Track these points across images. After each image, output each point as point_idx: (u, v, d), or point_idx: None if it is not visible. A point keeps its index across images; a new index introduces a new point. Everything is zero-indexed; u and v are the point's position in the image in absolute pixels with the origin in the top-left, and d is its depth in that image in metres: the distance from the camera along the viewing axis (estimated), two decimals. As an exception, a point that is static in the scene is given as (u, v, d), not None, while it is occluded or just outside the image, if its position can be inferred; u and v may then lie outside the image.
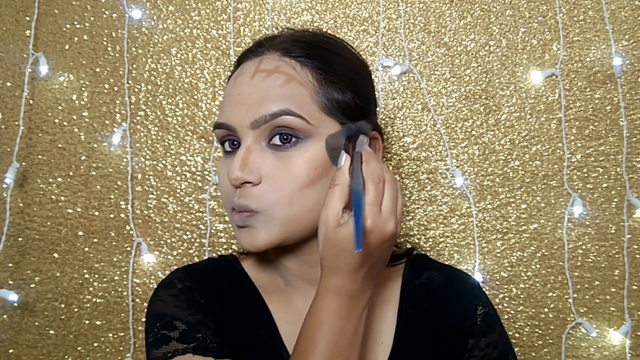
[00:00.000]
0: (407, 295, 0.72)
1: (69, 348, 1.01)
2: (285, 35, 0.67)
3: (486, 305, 0.74)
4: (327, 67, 0.64)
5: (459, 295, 0.74)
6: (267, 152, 0.61)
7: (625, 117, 1.01)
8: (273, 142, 0.61)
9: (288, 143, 0.61)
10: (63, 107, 1.02)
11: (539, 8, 1.02)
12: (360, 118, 0.64)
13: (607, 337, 1.00)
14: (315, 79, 0.63)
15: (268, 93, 0.61)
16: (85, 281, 1.01)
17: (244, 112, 0.61)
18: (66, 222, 1.01)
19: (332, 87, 0.63)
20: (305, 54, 0.64)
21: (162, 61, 1.03)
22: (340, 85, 0.64)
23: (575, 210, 0.99)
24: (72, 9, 1.03)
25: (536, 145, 1.01)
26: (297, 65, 0.63)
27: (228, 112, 0.63)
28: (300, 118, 0.60)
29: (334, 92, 0.63)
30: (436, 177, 1.02)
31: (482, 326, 0.72)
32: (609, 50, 1.01)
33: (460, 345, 0.71)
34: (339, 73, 0.65)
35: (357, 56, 0.71)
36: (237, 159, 0.60)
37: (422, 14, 1.03)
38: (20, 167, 1.00)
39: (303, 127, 0.60)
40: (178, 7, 1.03)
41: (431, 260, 0.80)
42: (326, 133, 0.62)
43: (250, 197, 0.61)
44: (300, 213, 0.61)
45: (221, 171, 0.65)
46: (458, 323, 0.71)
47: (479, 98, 1.02)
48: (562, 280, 1.00)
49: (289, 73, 0.62)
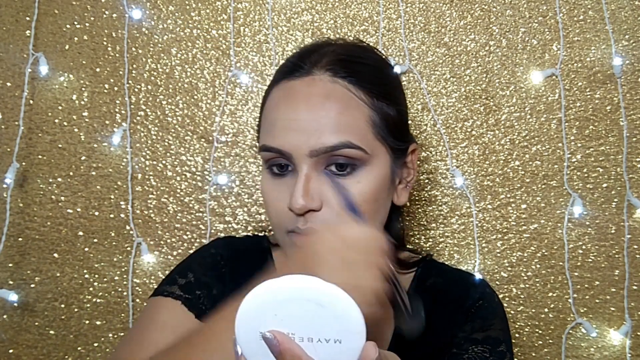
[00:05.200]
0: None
1: (69, 348, 1.01)
2: (329, 51, 0.66)
3: (487, 300, 0.73)
4: (376, 84, 0.65)
5: (461, 297, 0.74)
6: (323, 178, 0.62)
7: (625, 117, 1.01)
8: (329, 169, 0.62)
9: (344, 171, 0.62)
10: (63, 107, 1.02)
11: (539, 8, 1.02)
12: (403, 132, 0.68)
13: (607, 337, 1.00)
14: (367, 98, 0.64)
15: (327, 122, 0.61)
16: (85, 281, 1.01)
17: (302, 140, 0.61)
18: (66, 222, 1.01)
19: (381, 103, 0.65)
20: (354, 72, 0.64)
21: (162, 61, 1.03)
22: (387, 100, 0.66)
23: (575, 210, 0.99)
24: (72, 9, 1.03)
25: (536, 145, 1.01)
26: (350, 87, 0.63)
27: (282, 137, 0.62)
28: (359, 149, 0.62)
29: (384, 108, 0.65)
30: (436, 177, 1.02)
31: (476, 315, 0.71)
32: (609, 50, 1.01)
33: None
34: (385, 88, 0.67)
35: (389, 64, 0.72)
36: (298, 188, 0.61)
37: (422, 14, 1.03)
38: (20, 167, 1.00)
39: (360, 157, 0.62)
40: (178, 7, 1.03)
41: (440, 265, 0.80)
42: (378, 160, 0.64)
43: (316, 221, 0.62)
44: None
45: (270, 193, 0.65)
46: (460, 324, 0.71)
47: (479, 98, 1.02)
48: (562, 280, 1.00)
49: (345, 99, 0.63)
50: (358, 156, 0.62)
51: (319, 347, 0.45)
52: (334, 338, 0.45)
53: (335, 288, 0.45)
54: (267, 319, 0.45)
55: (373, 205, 0.65)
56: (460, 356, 0.68)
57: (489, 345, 0.68)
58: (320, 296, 0.44)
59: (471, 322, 0.71)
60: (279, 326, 0.45)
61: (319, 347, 0.45)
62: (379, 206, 0.66)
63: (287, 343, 0.44)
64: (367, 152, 0.63)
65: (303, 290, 0.45)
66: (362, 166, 0.63)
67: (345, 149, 0.61)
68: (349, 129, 0.62)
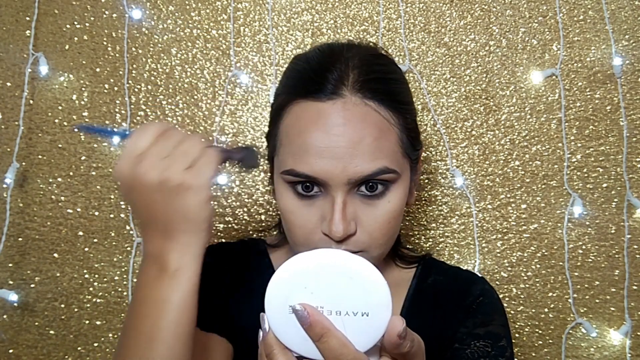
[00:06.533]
0: (410, 301, 0.73)
1: (69, 348, 1.01)
2: (353, 66, 0.64)
3: (488, 296, 0.74)
4: (401, 101, 0.66)
5: (462, 294, 0.74)
6: (356, 199, 0.62)
7: (625, 117, 1.01)
8: (361, 191, 0.62)
9: (374, 191, 0.62)
10: (63, 107, 1.02)
11: (539, 8, 1.02)
12: (419, 139, 0.69)
13: (607, 337, 1.00)
14: (396, 119, 0.64)
15: (363, 149, 0.60)
16: (85, 281, 1.01)
17: (339, 168, 0.60)
18: (66, 222, 1.01)
19: (406, 119, 0.65)
20: (383, 92, 0.63)
21: (162, 61, 1.03)
22: (409, 113, 0.66)
23: (575, 210, 0.99)
24: (72, 9, 1.03)
25: (536, 145, 1.01)
26: (381, 110, 0.63)
27: (317, 164, 0.60)
28: (394, 173, 0.62)
29: (408, 123, 0.66)
30: (436, 177, 1.02)
31: (477, 311, 0.72)
32: (609, 50, 1.01)
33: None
34: (407, 100, 0.68)
35: (398, 65, 0.72)
36: (337, 215, 0.60)
37: (422, 14, 1.03)
38: (20, 167, 1.00)
39: (393, 179, 0.63)
40: (178, 7, 1.03)
41: (440, 263, 0.81)
42: (405, 176, 0.65)
43: (351, 243, 0.62)
44: (389, 247, 0.68)
45: (297, 213, 0.64)
46: (461, 321, 0.72)
47: (479, 98, 1.02)
48: (562, 280, 1.00)
49: (378, 123, 0.62)
50: (391, 179, 0.63)
51: (347, 320, 0.46)
52: (362, 311, 0.46)
53: (364, 261, 0.47)
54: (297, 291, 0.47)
55: (399, 218, 0.66)
56: (462, 351, 0.68)
57: (490, 340, 0.69)
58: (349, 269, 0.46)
59: (472, 318, 0.72)
60: (308, 300, 0.47)
61: (347, 320, 0.46)
62: (402, 216, 0.68)
63: (317, 315, 0.45)
64: (399, 172, 0.63)
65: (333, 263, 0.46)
66: (392, 185, 0.63)
67: (381, 175, 0.61)
68: (384, 154, 0.62)
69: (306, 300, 0.46)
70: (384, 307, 0.46)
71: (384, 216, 0.63)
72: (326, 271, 0.46)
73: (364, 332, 0.46)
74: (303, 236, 0.64)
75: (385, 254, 0.68)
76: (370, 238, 0.63)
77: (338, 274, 0.46)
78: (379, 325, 0.46)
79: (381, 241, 0.64)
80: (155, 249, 0.55)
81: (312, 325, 0.45)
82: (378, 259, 0.66)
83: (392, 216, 0.64)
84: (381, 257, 0.67)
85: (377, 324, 0.46)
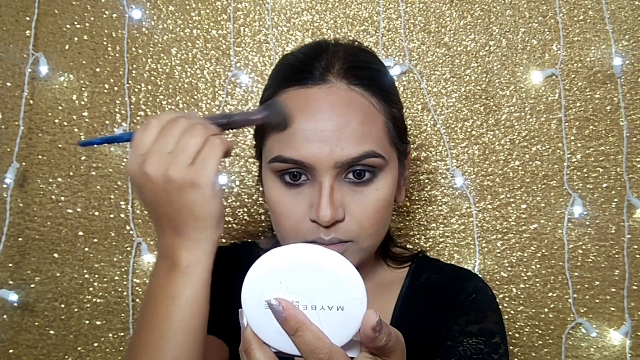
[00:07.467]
0: (403, 299, 0.73)
1: (69, 348, 1.01)
2: (338, 56, 0.65)
3: (481, 293, 0.74)
4: (386, 89, 0.66)
5: (455, 291, 0.74)
6: (344, 186, 0.63)
7: (625, 117, 1.01)
8: (348, 178, 0.63)
9: (362, 178, 0.63)
10: (63, 107, 1.02)
11: (539, 8, 1.02)
12: (406, 133, 0.70)
13: (607, 337, 1.00)
14: (381, 105, 0.64)
15: (350, 132, 0.61)
16: (85, 281, 1.01)
17: (326, 152, 0.60)
18: (66, 222, 1.01)
19: (392, 108, 0.66)
20: (368, 78, 0.65)
21: (162, 61, 1.03)
22: (394, 103, 0.67)
23: (575, 210, 0.99)
24: (72, 9, 1.03)
25: (536, 145, 1.01)
26: (366, 95, 0.64)
27: (304, 149, 0.61)
28: (380, 157, 0.62)
29: (394, 112, 0.66)
30: (436, 177, 1.02)
31: (469, 308, 0.72)
32: (609, 50, 1.01)
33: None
34: (393, 91, 0.69)
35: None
36: (324, 200, 0.60)
37: (422, 14, 1.03)
38: (20, 167, 1.00)
39: (380, 164, 0.63)
40: (178, 7, 1.03)
41: (433, 261, 0.81)
42: (392, 165, 0.65)
43: (340, 231, 0.62)
44: (379, 239, 0.67)
45: (284, 203, 0.64)
46: (454, 318, 0.72)
47: (479, 98, 1.02)
48: (562, 280, 1.00)
49: (364, 107, 0.63)
50: (378, 164, 0.63)
51: (322, 315, 0.47)
52: (337, 305, 0.46)
53: (338, 255, 0.47)
54: (272, 287, 0.47)
55: (388, 210, 0.66)
56: (455, 348, 0.68)
57: (483, 337, 0.69)
58: (324, 264, 0.46)
59: (465, 315, 0.72)
60: (284, 294, 0.47)
61: (322, 314, 0.47)
62: (391, 209, 0.67)
63: (292, 309, 0.46)
64: (386, 159, 0.63)
65: (307, 258, 0.47)
66: (380, 173, 0.63)
67: (369, 159, 0.62)
68: (370, 137, 0.62)
69: (282, 295, 0.46)
70: (359, 302, 0.46)
71: (373, 204, 0.63)
72: (301, 266, 0.46)
73: (340, 326, 0.47)
74: (291, 227, 0.64)
75: (375, 247, 0.68)
76: (360, 227, 0.63)
77: (313, 269, 0.46)
78: (354, 319, 0.46)
79: (370, 231, 0.64)
80: (167, 245, 0.55)
81: (287, 319, 0.45)
82: (368, 251, 0.66)
83: (381, 205, 0.63)
84: (371, 249, 0.67)
85: (352, 318, 0.46)
